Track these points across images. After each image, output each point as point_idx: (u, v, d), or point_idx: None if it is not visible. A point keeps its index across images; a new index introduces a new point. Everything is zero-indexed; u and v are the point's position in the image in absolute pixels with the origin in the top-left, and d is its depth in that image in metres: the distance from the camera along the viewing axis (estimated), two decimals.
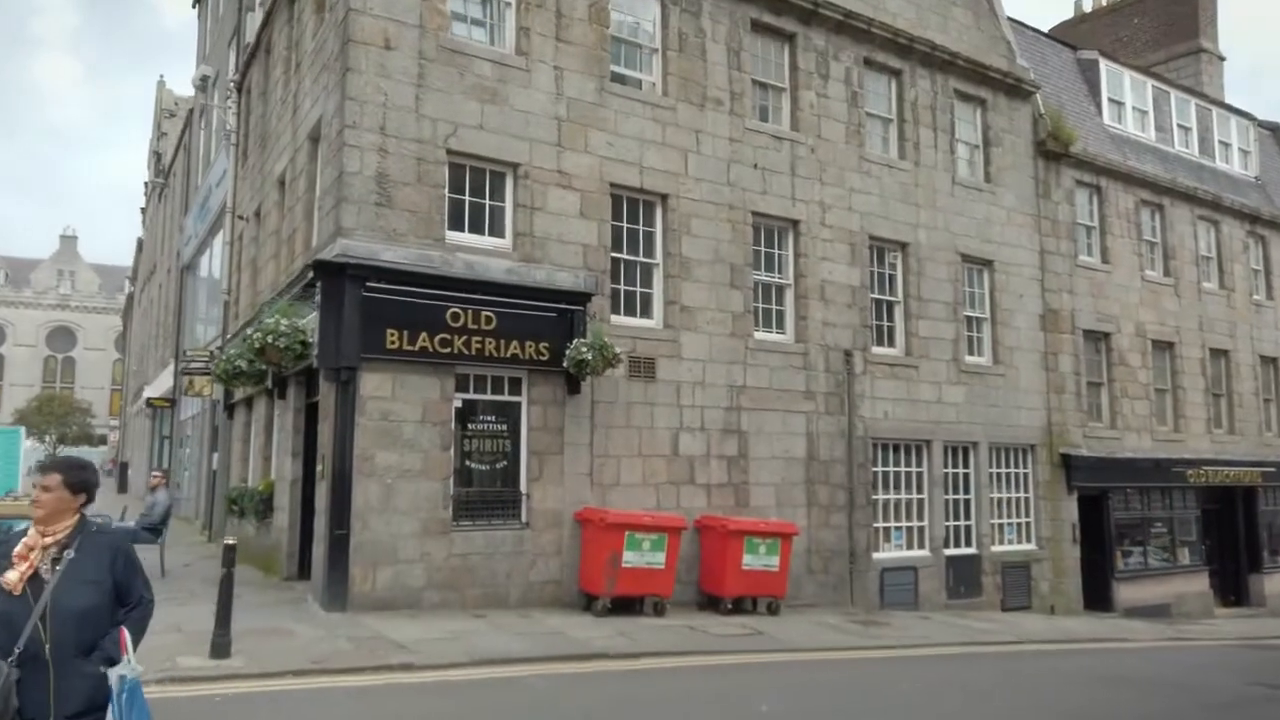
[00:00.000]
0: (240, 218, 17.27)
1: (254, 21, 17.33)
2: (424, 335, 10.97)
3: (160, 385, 27.23)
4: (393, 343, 10.77)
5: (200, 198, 23.02)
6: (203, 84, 18.64)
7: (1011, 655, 12.10)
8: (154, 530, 12.78)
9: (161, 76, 36.70)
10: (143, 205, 41.86)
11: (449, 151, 11.61)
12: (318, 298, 10.68)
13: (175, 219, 28.63)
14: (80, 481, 3.74)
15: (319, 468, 10.97)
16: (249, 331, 11.36)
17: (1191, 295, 21.87)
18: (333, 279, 10.56)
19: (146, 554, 13.18)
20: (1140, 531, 19.97)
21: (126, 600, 3.70)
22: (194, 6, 27.22)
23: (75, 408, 70.16)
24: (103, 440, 70.49)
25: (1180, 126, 23.43)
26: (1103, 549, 19.01)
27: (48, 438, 68.08)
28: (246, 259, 16.82)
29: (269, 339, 10.34)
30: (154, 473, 14.23)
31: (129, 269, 55.61)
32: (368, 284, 10.65)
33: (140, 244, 42.14)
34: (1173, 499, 20.68)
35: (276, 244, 14.55)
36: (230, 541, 8.27)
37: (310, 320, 11.11)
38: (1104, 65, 21.61)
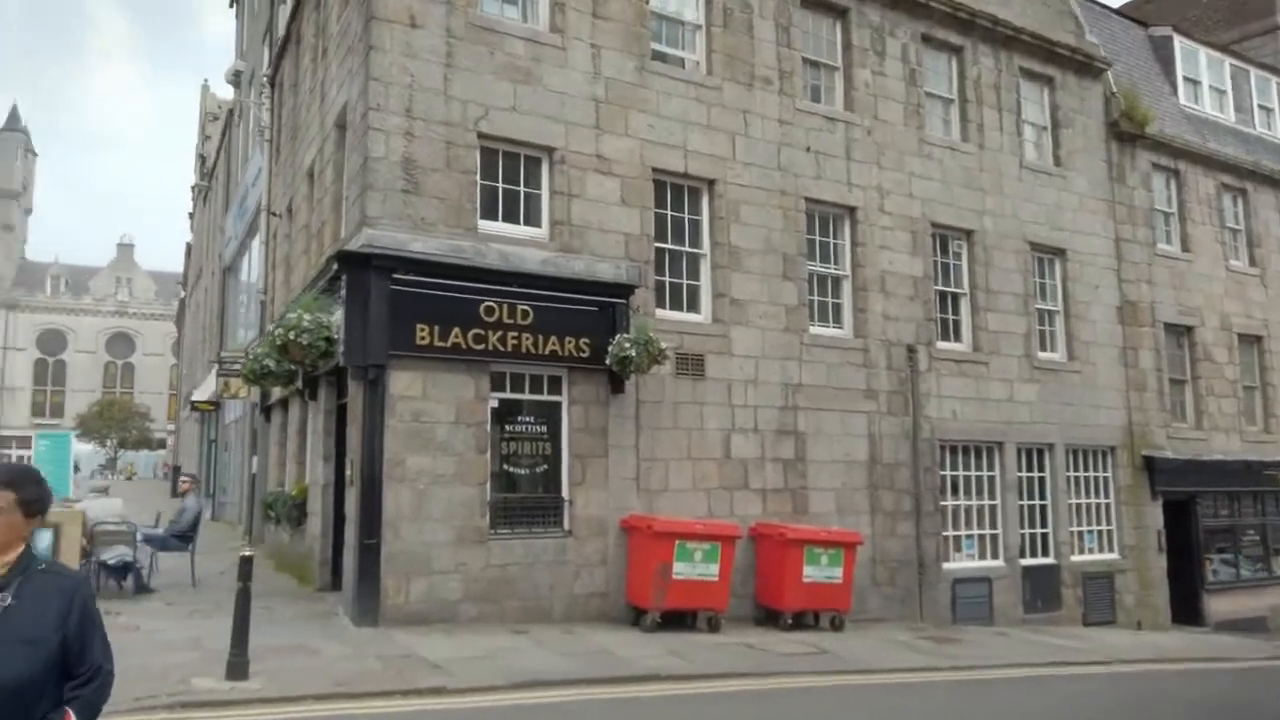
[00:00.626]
0: (274, 214, 16.82)
1: (285, 13, 16.88)
2: (456, 331, 10.26)
3: (206, 389, 27.03)
4: (423, 339, 10.08)
5: (238, 197, 22.74)
6: (235, 80, 18.28)
7: (1103, 677, 11.00)
8: (184, 538, 12.25)
9: (205, 80, 36.99)
10: (190, 210, 42.16)
11: (480, 135, 10.91)
12: (343, 292, 10.03)
13: (217, 221, 28.52)
14: (37, 500, 2.78)
15: (348, 473, 10.32)
16: (270, 328, 10.77)
17: (1279, 285, 20.37)
18: (358, 271, 9.90)
19: (177, 561, 12.80)
20: (1230, 539, 18.57)
21: (77, 670, 2.69)
22: (231, 6, 27.07)
23: (134, 412, 71.49)
24: (161, 444, 71.59)
25: (1261, 107, 21.97)
26: (1190, 558, 17.71)
27: (108, 442, 69.49)
28: (280, 256, 16.34)
29: (291, 335, 9.71)
30: (183, 478, 13.73)
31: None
32: (395, 276, 9.98)
33: (189, 249, 42.43)
34: (1265, 504, 19.21)
35: (307, 239, 14.00)
36: (247, 553, 7.61)
37: (338, 316, 10.47)
38: (1178, 42, 20.26)
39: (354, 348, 9.88)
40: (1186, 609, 17.29)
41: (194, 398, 28.20)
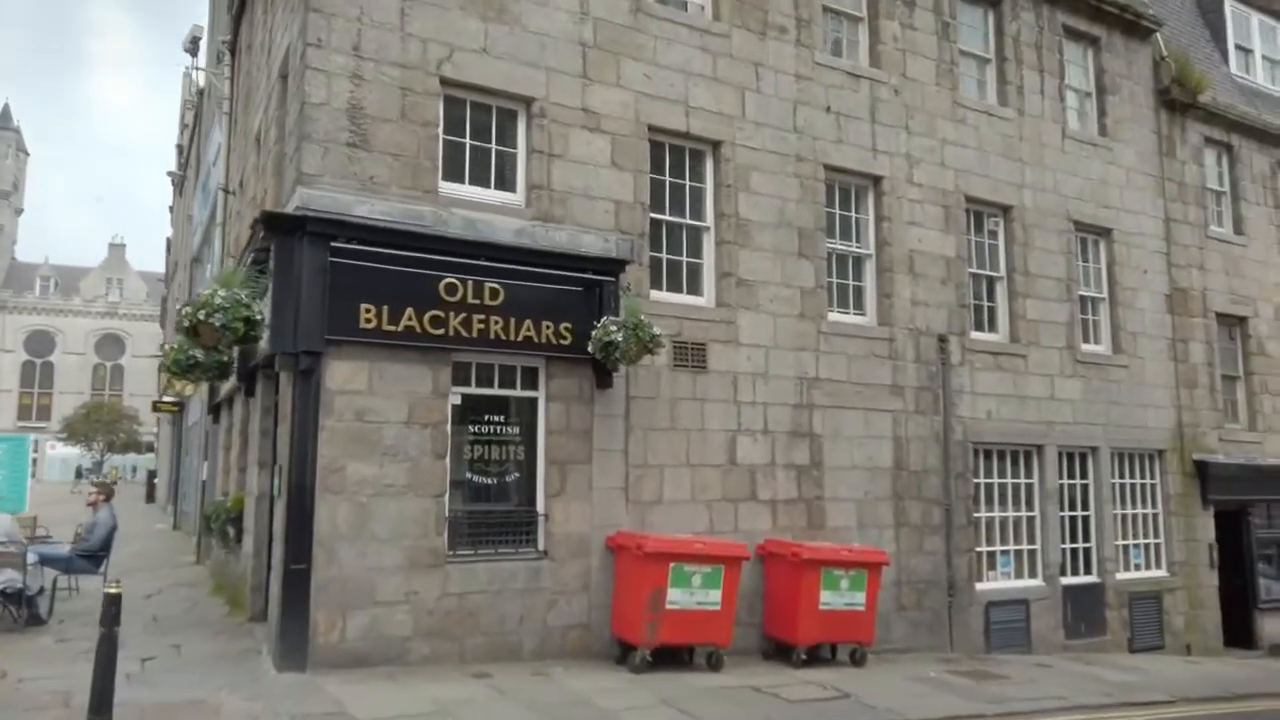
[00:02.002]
0: (229, 191, 15.11)
1: None
2: (410, 312, 8.54)
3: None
4: (369, 321, 8.37)
5: (202, 181, 21.05)
6: (193, 47, 16.59)
7: None
8: (93, 558, 10.50)
9: (185, 68, 35.12)
10: (170, 204, 40.51)
11: (443, 81, 9.20)
12: (271, 264, 8.32)
13: (188, 210, 26.83)
14: None
15: (274, 481, 8.60)
16: (178, 307, 9.05)
17: None
18: (287, 238, 8.19)
19: (88, 584, 11.07)
20: None
21: None
22: None
23: (123, 415, 70.04)
24: (150, 448, 70.10)
25: None
26: (1242, 575, 15.96)
27: (95, 445, 67.97)
28: (233, 237, 14.63)
29: (201, 315, 7.95)
30: (91, 489, 11.93)
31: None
32: (335, 245, 8.26)
33: (168, 244, 40.78)
34: None
35: (253, 212, 12.29)
36: (112, 590, 5.88)
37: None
38: (1229, 6, 18.52)
39: (282, 331, 8.16)
40: (1238, 630, 15.59)
41: (163, 398, 26.52)
